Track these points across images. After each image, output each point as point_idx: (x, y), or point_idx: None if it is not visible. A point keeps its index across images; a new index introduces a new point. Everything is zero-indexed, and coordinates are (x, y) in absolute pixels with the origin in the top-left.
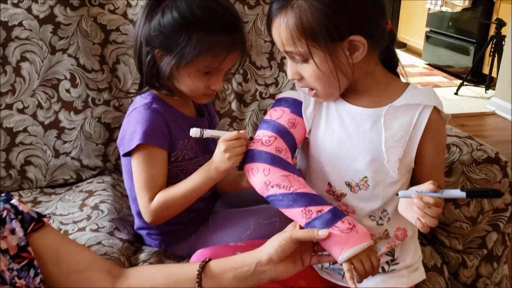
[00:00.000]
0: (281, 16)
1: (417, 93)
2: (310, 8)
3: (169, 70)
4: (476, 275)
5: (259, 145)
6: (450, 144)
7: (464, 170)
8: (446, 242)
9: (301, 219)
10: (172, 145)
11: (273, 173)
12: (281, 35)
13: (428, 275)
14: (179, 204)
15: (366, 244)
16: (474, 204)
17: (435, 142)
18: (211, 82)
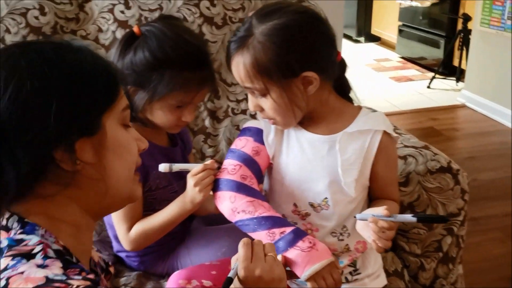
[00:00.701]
0: (238, 56)
1: (368, 118)
2: (263, 48)
3: (142, 105)
4: (434, 276)
5: (226, 174)
6: (407, 155)
7: (419, 180)
8: (406, 248)
9: (266, 241)
10: (145, 176)
11: (238, 200)
12: (239, 73)
13: (390, 280)
14: (157, 233)
15: (326, 261)
16: (430, 211)
17: (386, 162)
18: (183, 114)
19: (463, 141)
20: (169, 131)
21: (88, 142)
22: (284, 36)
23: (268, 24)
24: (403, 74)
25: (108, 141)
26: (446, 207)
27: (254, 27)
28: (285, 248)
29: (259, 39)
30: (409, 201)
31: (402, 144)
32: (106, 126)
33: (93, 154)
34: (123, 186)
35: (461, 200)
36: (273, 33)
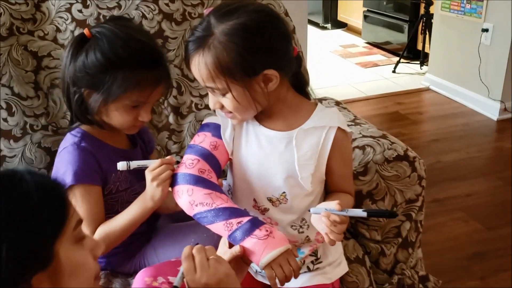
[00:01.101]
0: (199, 56)
1: (323, 115)
2: (225, 49)
3: (97, 107)
4: (394, 261)
5: (183, 169)
6: (365, 145)
7: (377, 168)
8: (367, 234)
9: (224, 232)
10: (104, 180)
11: (196, 193)
12: (200, 73)
13: (351, 267)
14: (120, 235)
15: (283, 248)
16: (388, 199)
17: (341, 156)
18: (140, 114)
19: (427, 124)
20: (127, 132)
21: (44, 274)
22: (244, 36)
23: (228, 24)
24: (369, 60)
25: (63, 268)
26: (404, 194)
27: (213, 27)
28: (242, 238)
29: (220, 39)
30: (368, 189)
31: (360, 134)
32: (60, 253)
33: (49, 283)
34: None
35: (419, 187)
36: (233, 33)
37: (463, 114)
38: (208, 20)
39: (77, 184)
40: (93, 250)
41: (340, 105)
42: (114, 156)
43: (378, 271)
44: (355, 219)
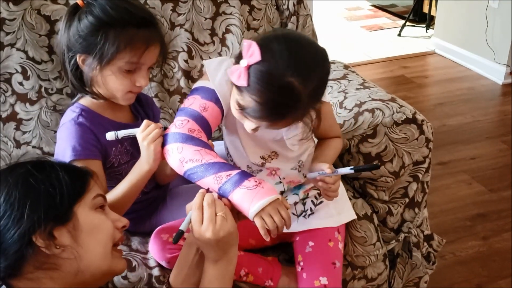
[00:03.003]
0: (288, 119)
1: None
2: (309, 107)
3: (92, 72)
4: (401, 220)
5: (173, 129)
6: (374, 108)
7: (386, 131)
8: (375, 195)
9: (214, 185)
10: (104, 153)
11: (185, 150)
12: (286, 126)
13: (360, 223)
14: (123, 203)
15: (272, 197)
16: (396, 160)
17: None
18: (135, 79)
19: (433, 88)
20: (124, 102)
21: (64, 228)
22: (323, 89)
23: (311, 85)
24: (374, 23)
25: (81, 226)
26: (412, 156)
27: (301, 91)
28: (231, 189)
29: (308, 102)
30: (376, 151)
31: (370, 98)
32: (78, 213)
33: (70, 238)
34: (101, 261)
35: (426, 149)
36: (318, 92)
37: (469, 78)
38: (291, 84)
39: (77, 160)
40: (115, 222)
41: (348, 68)
42: (114, 130)
43: (385, 229)
44: (364, 181)
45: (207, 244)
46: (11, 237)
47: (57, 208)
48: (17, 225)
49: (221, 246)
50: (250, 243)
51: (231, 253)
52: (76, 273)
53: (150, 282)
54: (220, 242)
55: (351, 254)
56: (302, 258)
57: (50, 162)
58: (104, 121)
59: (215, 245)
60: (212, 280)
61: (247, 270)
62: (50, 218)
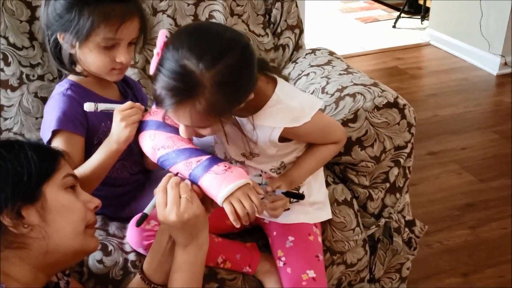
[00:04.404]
0: (189, 106)
1: (270, 112)
2: (218, 96)
3: (71, 50)
4: (382, 205)
5: (147, 116)
6: (356, 92)
7: (367, 116)
8: (355, 180)
9: (185, 171)
10: (92, 130)
11: (158, 137)
12: (192, 119)
13: (339, 208)
14: (91, 180)
15: (242, 182)
16: (377, 145)
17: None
18: (115, 55)
19: (426, 79)
20: (109, 78)
21: (32, 208)
22: (235, 79)
23: (217, 71)
24: (369, 15)
25: (49, 205)
26: (393, 140)
27: (200, 76)
28: (201, 174)
29: (213, 90)
30: (357, 136)
31: (352, 83)
32: (47, 193)
33: (38, 217)
34: (71, 241)
35: (408, 133)
36: (224, 80)
37: (463, 69)
38: (186, 66)
39: (60, 130)
40: (87, 203)
41: (333, 55)
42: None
43: (365, 215)
44: (344, 166)
45: (173, 228)
46: None
47: (25, 187)
48: None
49: (188, 229)
50: (227, 224)
51: (201, 238)
52: (45, 252)
53: (125, 267)
54: (186, 225)
55: (330, 239)
56: (284, 253)
57: (20, 142)
58: (93, 96)
59: (181, 228)
60: (182, 265)
61: (224, 257)
62: (17, 197)
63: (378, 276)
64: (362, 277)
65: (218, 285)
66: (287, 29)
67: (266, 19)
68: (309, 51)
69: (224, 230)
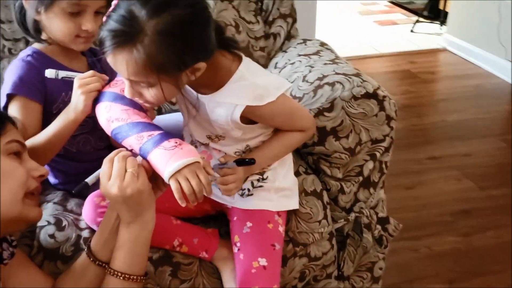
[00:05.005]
0: (126, 52)
1: (233, 89)
2: (159, 48)
3: (36, 15)
4: (354, 200)
5: (107, 88)
6: (335, 81)
7: (344, 105)
8: (328, 171)
9: (136, 146)
10: (50, 98)
11: (113, 109)
12: (128, 69)
13: (307, 199)
14: (45, 149)
15: (190, 159)
16: (353, 136)
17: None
18: (81, 22)
19: (438, 84)
20: (77, 47)
21: None
22: (179, 33)
23: (161, 20)
24: (388, 18)
25: None
26: (370, 132)
27: (143, 22)
28: (150, 149)
29: (153, 38)
30: (332, 126)
31: (334, 72)
32: None
33: None
34: (9, 208)
35: (387, 127)
36: (168, 31)
37: (477, 76)
38: (132, 11)
39: (16, 95)
40: (32, 170)
41: (324, 46)
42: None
43: (336, 208)
44: (318, 156)
45: (115, 202)
46: None
47: None
48: None
49: (132, 206)
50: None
51: (145, 217)
52: None
53: (77, 243)
54: (129, 201)
55: (294, 230)
56: (239, 239)
57: None
58: (57, 66)
59: (123, 203)
60: (124, 243)
61: (181, 240)
62: None
63: (348, 273)
64: (329, 273)
65: (173, 269)
66: (279, 18)
67: (258, 6)
68: (301, 41)
69: (185, 214)
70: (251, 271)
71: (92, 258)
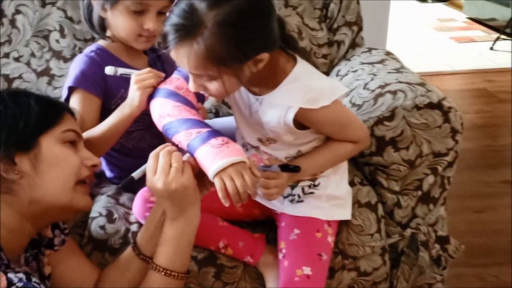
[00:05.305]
0: (187, 46)
1: (288, 89)
2: (219, 39)
3: (102, 12)
4: (412, 215)
5: (162, 85)
6: (397, 90)
7: (405, 114)
8: (384, 183)
9: (184, 142)
10: (109, 94)
11: (166, 105)
12: (189, 62)
13: (360, 211)
14: (101, 142)
15: (237, 158)
16: (413, 148)
17: (314, 124)
18: (144, 21)
19: None
20: (139, 46)
21: (25, 156)
22: (239, 24)
23: (221, 11)
24: (465, 35)
25: (43, 156)
26: (432, 145)
27: (203, 15)
28: (198, 146)
29: (213, 30)
30: (391, 136)
31: (396, 80)
32: (42, 144)
33: (29, 166)
34: (58, 194)
35: (451, 140)
36: (228, 22)
37: None
38: (192, 4)
39: (77, 88)
40: (84, 160)
41: (390, 55)
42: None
43: (391, 222)
44: (375, 167)
45: (160, 197)
46: None
47: (20, 134)
48: None
49: (176, 201)
50: (237, 210)
51: (189, 213)
52: (30, 201)
53: (126, 236)
54: (174, 196)
55: (344, 241)
56: (285, 245)
57: (28, 92)
58: (118, 63)
59: (168, 198)
60: (168, 239)
61: (226, 242)
62: (12, 143)
63: None
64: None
65: (216, 270)
66: (344, 25)
67: (322, 13)
68: (366, 49)
69: (234, 217)
70: (294, 279)
71: (137, 251)
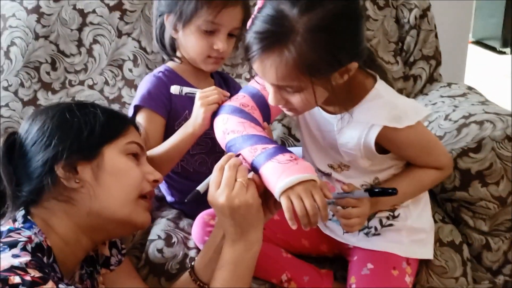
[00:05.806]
0: (277, 55)
1: (370, 106)
2: (311, 47)
3: (174, 32)
4: (504, 260)
5: (227, 102)
6: (484, 120)
7: (494, 146)
8: (470, 223)
9: (249, 158)
10: (174, 114)
11: (230, 121)
12: (277, 72)
13: (442, 250)
14: (163, 161)
15: (306, 176)
16: (504, 183)
17: (396, 147)
18: (214, 41)
19: None
20: (207, 67)
21: (88, 165)
22: (335, 29)
23: (313, 17)
24: None
25: (105, 166)
26: None
27: (293, 20)
28: (263, 162)
29: (305, 36)
30: (478, 169)
31: (483, 111)
32: (105, 154)
33: (91, 175)
34: (118, 207)
35: None
36: (322, 27)
37: None
38: (282, 10)
39: (142, 107)
40: (146, 174)
41: (472, 89)
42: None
43: (479, 267)
44: (459, 204)
45: (221, 214)
46: (36, 162)
47: (84, 143)
48: (43, 152)
49: (238, 221)
50: (302, 244)
51: (251, 236)
52: (88, 212)
53: (183, 261)
54: (236, 214)
55: (424, 283)
56: (356, 280)
57: (95, 104)
58: (185, 85)
59: (230, 216)
60: (226, 264)
61: (290, 275)
62: (75, 152)
63: None
64: None
65: None
66: (421, 59)
67: (398, 47)
68: (445, 84)
69: (299, 251)
70: None
71: (194, 277)
